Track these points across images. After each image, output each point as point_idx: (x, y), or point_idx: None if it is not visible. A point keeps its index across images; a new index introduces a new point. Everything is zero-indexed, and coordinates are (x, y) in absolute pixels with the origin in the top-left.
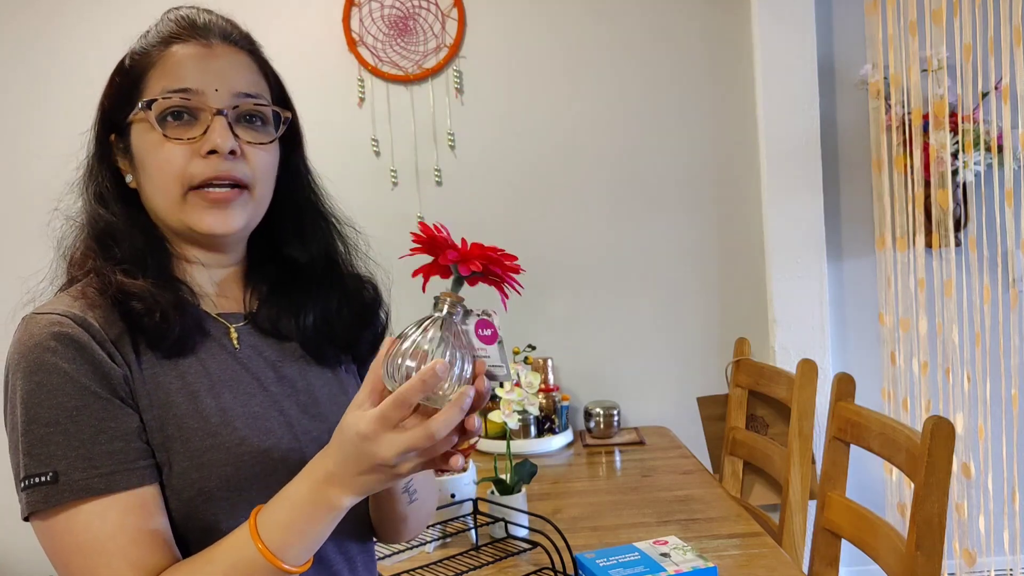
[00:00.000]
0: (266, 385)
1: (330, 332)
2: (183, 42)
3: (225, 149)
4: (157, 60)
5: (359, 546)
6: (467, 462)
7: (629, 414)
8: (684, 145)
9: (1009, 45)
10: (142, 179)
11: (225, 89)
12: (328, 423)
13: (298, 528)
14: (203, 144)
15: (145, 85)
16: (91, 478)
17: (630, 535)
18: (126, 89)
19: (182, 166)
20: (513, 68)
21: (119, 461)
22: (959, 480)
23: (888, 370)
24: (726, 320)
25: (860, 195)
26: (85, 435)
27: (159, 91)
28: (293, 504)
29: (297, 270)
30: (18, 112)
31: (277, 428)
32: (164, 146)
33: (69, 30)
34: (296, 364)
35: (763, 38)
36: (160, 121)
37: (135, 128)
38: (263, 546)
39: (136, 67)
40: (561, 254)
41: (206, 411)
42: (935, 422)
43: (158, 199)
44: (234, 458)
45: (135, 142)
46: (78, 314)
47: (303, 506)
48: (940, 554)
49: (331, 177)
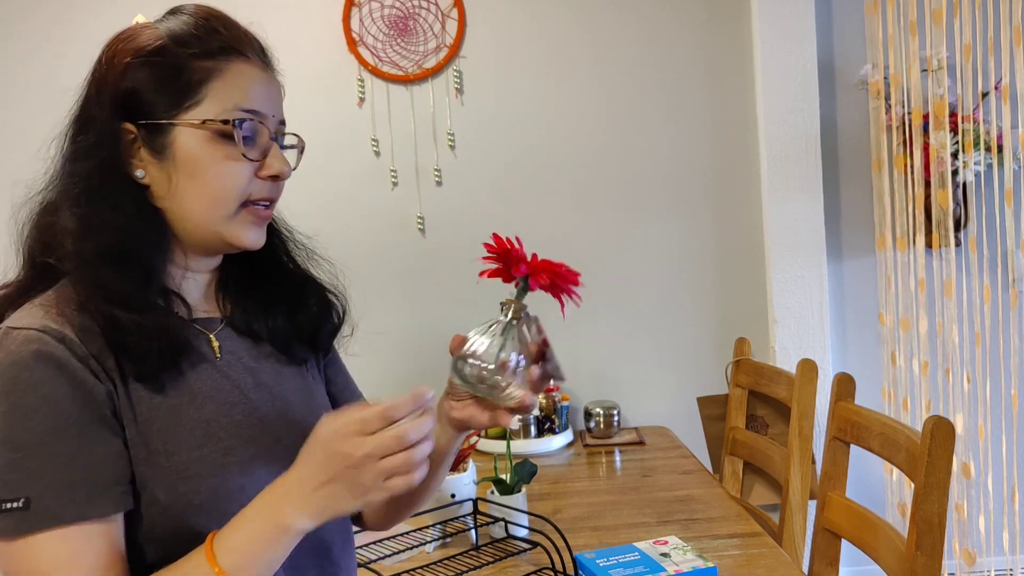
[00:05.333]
0: (246, 392)
1: (296, 326)
2: (246, 60)
3: (288, 175)
4: (223, 72)
5: (337, 530)
6: (467, 461)
7: (629, 414)
8: (684, 145)
9: (1009, 45)
10: (184, 184)
11: (276, 116)
12: (301, 427)
13: (252, 551)
14: (266, 168)
15: (205, 94)
16: (64, 506)
17: (630, 535)
18: (178, 87)
19: (246, 184)
20: (513, 68)
21: (91, 490)
22: (959, 480)
23: (888, 370)
24: (726, 320)
25: (860, 195)
26: (59, 461)
27: (231, 107)
28: (248, 526)
29: (258, 270)
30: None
31: (259, 435)
32: (234, 163)
33: (47, 27)
34: (271, 367)
35: (763, 38)
36: (225, 136)
37: (183, 131)
38: (220, 570)
39: (195, 70)
40: (561, 254)
41: (190, 424)
42: (935, 422)
43: (203, 209)
44: (220, 468)
45: (184, 145)
46: (57, 329)
47: (257, 528)
48: (940, 554)
49: (331, 177)
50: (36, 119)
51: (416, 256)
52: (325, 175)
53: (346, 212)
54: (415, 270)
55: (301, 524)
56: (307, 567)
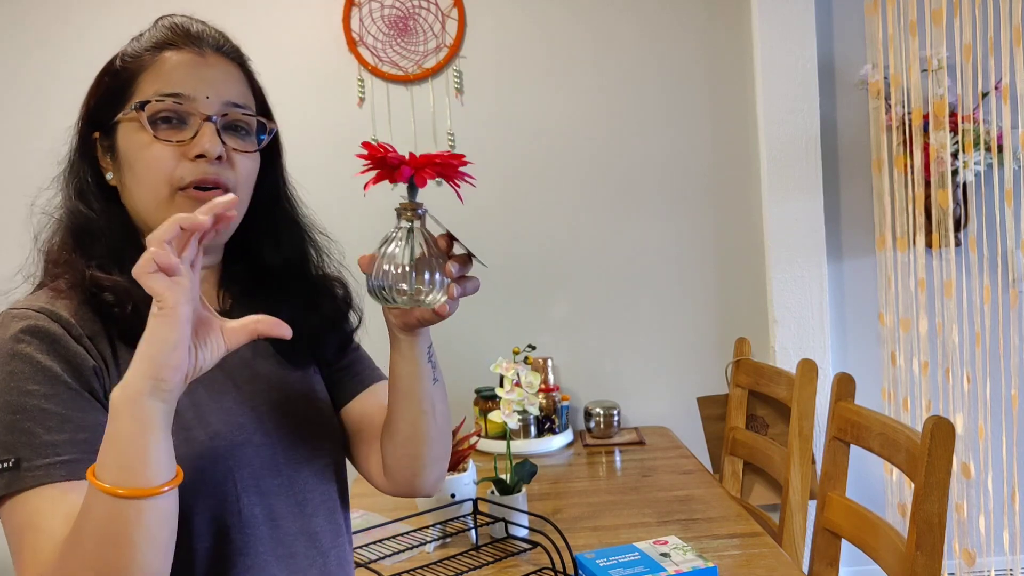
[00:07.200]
0: (239, 383)
1: (299, 334)
2: (177, 49)
3: (213, 154)
4: (150, 64)
5: (326, 518)
6: (467, 461)
7: (629, 414)
8: (684, 145)
9: (1009, 45)
10: (127, 177)
11: (216, 97)
12: (299, 419)
13: (122, 450)
14: (192, 148)
15: (136, 87)
16: (53, 465)
17: (630, 535)
18: (115, 89)
19: (171, 167)
20: (513, 68)
21: (82, 451)
22: (959, 480)
23: (888, 370)
24: (726, 320)
25: (860, 195)
26: (52, 422)
27: (152, 94)
28: (110, 435)
29: (268, 273)
30: None
31: (249, 424)
32: (153, 147)
33: (47, 29)
34: (269, 362)
35: (763, 38)
36: (151, 123)
37: (122, 127)
38: (107, 487)
39: (127, 69)
40: (561, 254)
41: (179, 407)
42: (935, 422)
43: (143, 198)
44: (208, 451)
45: (122, 141)
46: (52, 310)
47: (115, 428)
48: (940, 554)
49: (331, 177)
50: (39, 123)
51: None
52: (325, 175)
53: (346, 212)
54: None
55: (141, 385)
56: (296, 554)
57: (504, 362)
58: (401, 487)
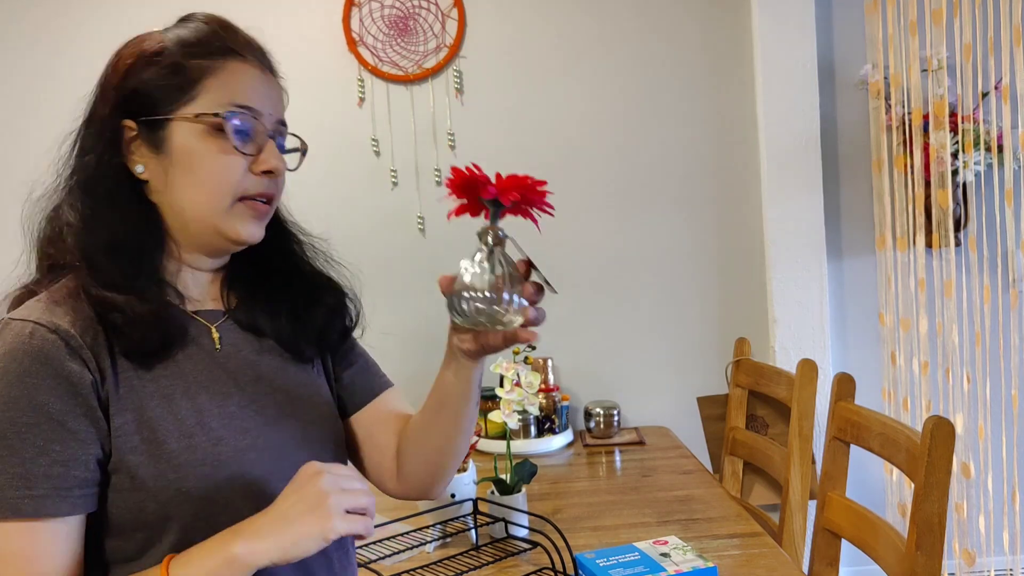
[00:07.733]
0: (243, 385)
1: (303, 325)
2: (243, 60)
3: (282, 172)
4: (218, 70)
5: None
6: (467, 462)
7: (629, 414)
8: (684, 145)
9: (1009, 45)
10: (177, 176)
11: (274, 115)
12: (302, 421)
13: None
14: (260, 163)
15: (201, 89)
16: (22, 499)
17: (630, 535)
18: (173, 84)
19: (239, 178)
20: (513, 68)
21: (54, 486)
22: (959, 480)
23: (888, 370)
24: (726, 320)
25: (860, 195)
26: (28, 453)
27: (225, 103)
28: (203, 555)
29: (270, 270)
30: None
31: (254, 427)
32: (228, 156)
33: (48, 24)
34: (274, 361)
35: (763, 38)
36: (218, 130)
37: (180, 125)
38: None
39: (192, 68)
40: (561, 254)
41: (181, 413)
42: (935, 422)
43: (197, 201)
44: (211, 457)
45: (179, 139)
46: (53, 321)
47: (209, 557)
48: (940, 554)
49: (331, 177)
50: (39, 120)
51: (416, 256)
52: (325, 175)
53: (346, 212)
54: (415, 270)
55: (252, 559)
56: None
57: (504, 362)
58: (413, 492)
